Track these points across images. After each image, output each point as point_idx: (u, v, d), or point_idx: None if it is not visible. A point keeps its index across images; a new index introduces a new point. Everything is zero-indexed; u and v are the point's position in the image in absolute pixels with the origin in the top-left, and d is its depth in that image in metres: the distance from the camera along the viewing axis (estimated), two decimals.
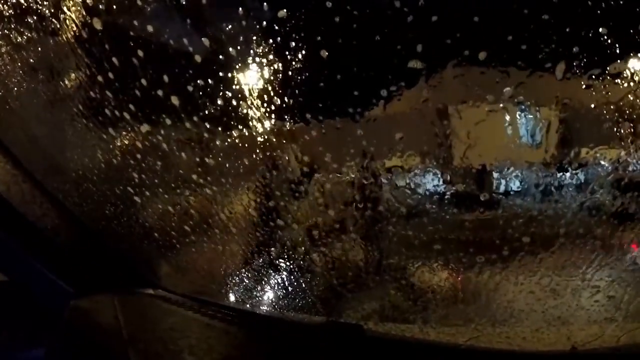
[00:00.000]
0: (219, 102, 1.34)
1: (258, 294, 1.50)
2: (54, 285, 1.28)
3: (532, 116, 1.04)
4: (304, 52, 1.16)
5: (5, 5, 1.27)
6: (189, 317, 1.27)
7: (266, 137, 1.40)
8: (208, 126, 1.35)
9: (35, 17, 1.27)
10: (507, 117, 1.05)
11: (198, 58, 1.15)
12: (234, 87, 1.29)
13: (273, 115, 1.33)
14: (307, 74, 1.25)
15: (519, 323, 1.25)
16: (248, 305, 1.46)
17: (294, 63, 1.18)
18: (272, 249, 1.51)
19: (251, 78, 1.24)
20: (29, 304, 1.30)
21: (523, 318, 1.23)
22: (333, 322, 1.38)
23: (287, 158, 1.44)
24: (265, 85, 1.27)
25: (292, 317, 1.42)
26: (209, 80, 1.27)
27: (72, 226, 1.34)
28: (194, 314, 1.29)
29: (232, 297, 1.48)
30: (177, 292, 1.41)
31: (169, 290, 1.41)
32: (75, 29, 1.23)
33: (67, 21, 1.23)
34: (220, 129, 1.37)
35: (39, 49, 1.31)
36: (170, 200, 1.44)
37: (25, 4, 1.26)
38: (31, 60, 1.33)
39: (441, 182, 1.29)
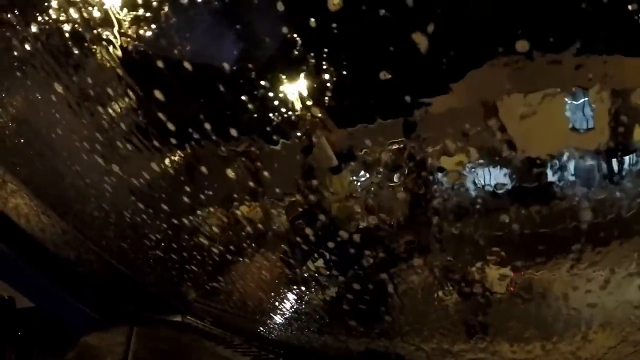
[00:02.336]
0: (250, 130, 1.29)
1: (291, 319, 1.36)
2: (80, 312, 1.25)
3: (585, 102, 0.88)
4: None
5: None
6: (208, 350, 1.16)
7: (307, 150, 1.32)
8: (243, 154, 1.29)
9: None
10: (560, 105, 0.91)
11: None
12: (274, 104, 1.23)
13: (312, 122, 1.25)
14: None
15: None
16: (280, 333, 1.32)
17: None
18: (309, 266, 1.38)
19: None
20: (56, 331, 1.29)
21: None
22: (372, 352, 1.20)
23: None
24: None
25: (327, 346, 1.26)
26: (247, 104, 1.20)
27: (95, 256, 1.31)
28: (217, 347, 1.18)
29: (265, 326, 1.35)
30: (206, 319, 1.31)
31: (197, 317, 1.32)
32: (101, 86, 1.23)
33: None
34: (256, 156, 1.32)
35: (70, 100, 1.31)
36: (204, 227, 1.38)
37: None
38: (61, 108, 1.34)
39: (496, 177, 1.17)
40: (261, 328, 1.37)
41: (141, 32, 1.17)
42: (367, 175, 1.31)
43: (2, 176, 1.27)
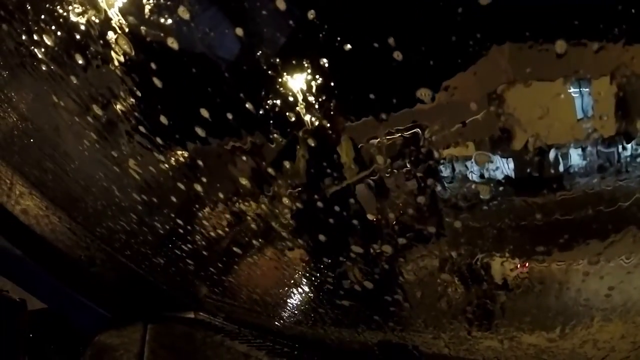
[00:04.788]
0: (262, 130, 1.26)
1: (307, 312, 1.35)
2: (92, 312, 1.24)
3: (590, 90, 0.86)
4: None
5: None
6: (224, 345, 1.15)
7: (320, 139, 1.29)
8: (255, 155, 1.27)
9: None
10: (566, 95, 0.89)
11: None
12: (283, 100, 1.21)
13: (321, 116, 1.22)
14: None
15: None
16: (295, 327, 1.31)
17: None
18: (322, 258, 1.37)
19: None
20: (68, 332, 1.28)
21: None
22: (387, 343, 1.19)
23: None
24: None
25: (342, 338, 1.25)
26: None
27: (106, 255, 1.30)
28: (231, 342, 1.18)
29: (279, 320, 1.34)
30: (218, 314, 1.30)
31: (210, 313, 1.31)
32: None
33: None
34: (266, 158, 1.30)
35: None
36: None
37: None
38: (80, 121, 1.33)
39: (502, 168, 1.14)
40: (276, 322, 1.36)
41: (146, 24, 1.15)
42: (382, 164, 1.29)
43: (10, 178, 1.26)
